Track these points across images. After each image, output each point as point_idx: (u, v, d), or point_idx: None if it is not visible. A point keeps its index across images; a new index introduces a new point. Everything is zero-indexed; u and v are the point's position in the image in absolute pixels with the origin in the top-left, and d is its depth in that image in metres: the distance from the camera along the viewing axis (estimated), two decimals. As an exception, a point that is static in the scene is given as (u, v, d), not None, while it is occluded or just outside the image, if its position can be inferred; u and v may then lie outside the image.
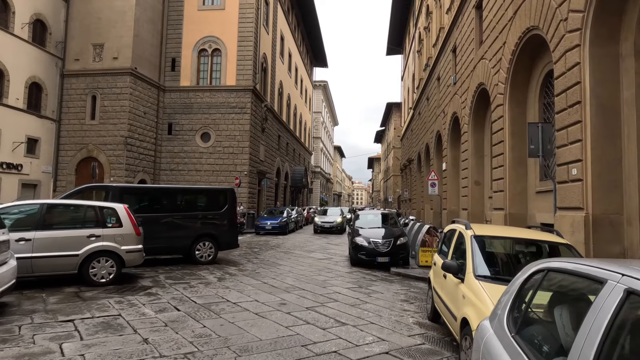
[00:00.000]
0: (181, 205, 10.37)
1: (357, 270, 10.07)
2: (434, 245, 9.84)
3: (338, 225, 23.27)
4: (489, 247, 4.41)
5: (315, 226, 24.05)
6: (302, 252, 13.51)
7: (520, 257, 4.36)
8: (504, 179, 12.59)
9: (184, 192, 10.97)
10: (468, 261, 4.03)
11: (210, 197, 11.12)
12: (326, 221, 23.47)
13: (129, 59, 23.52)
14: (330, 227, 23.21)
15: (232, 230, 10.91)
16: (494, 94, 13.50)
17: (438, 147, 24.99)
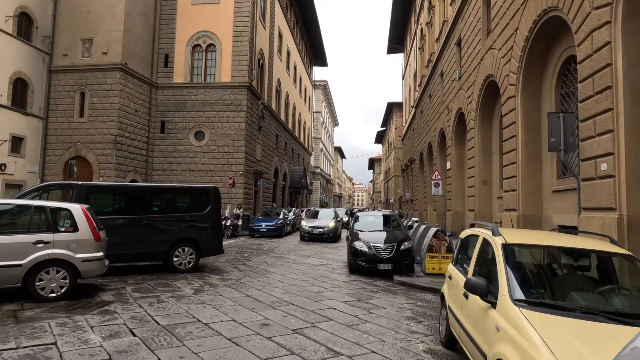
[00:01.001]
0: (158, 206, 9.21)
1: (356, 278, 9.05)
2: (442, 251, 8.82)
3: (330, 232, 18.57)
4: (526, 259, 3.39)
5: (301, 232, 19.14)
6: (296, 257, 12.42)
7: (568, 273, 3.33)
8: (517, 177, 11.57)
9: (161, 192, 9.73)
10: (501, 279, 3.01)
11: (191, 197, 9.98)
12: (315, 226, 18.73)
13: (119, 54, 22.55)
14: (320, 233, 18.33)
15: (216, 235, 9.74)
16: (505, 85, 12.48)
17: (442, 146, 23.97)
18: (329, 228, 18.70)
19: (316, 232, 18.43)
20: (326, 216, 20.73)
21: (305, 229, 18.80)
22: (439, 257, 8.82)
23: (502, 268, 3.06)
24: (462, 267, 4.22)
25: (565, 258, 3.31)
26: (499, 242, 3.35)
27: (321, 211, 22.19)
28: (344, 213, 28.52)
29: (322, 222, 19.30)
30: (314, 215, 21.57)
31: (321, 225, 18.71)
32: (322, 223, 18.95)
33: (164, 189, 10.16)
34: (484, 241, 3.74)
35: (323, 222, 19.23)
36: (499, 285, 2.99)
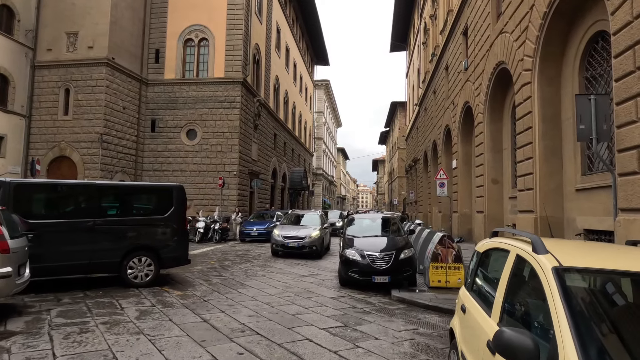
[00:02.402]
0: (108, 207, 7.72)
1: (346, 293, 7.63)
2: (449, 260, 7.45)
3: (313, 243, 13.53)
4: (601, 298, 2.01)
5: (273, 244, 14.08)
6: (282, 266, 11.07)
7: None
8: (533, 175, 10.18)
9: (112, 190, 8.22)
10: (562, 341, 1.62)
11: (149, 197, 8.56)
12: (292, 236, 13.65)
13: (105, 48, 21.37)
14: (298, 246, 13.37)
15: (180, 242, 8.18)
16: (518, 71, 11.10)
17: (447, 143, 22.57)
18: (311, 239, 13.49)
19: (292, 244, 13.30)
20: (310, 222, 15.21)
21: (278, 240, 13.61)
22: (446, 268, 7.46)
23: (561, 317, 1.67)
24: (481, 297, 2.86)
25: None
26: (549, 266, 1.97)
27: (307, 215, 16.38)
28: (337, 217, 25.03)
29: (302, 230, 14.17)
30: (294, 220, 15.91)
31: (301, 234, 13.66)
32: (303, 232, 13.91)
33: (116, 187, 8.65)
34: (519, 260, 2.38)
35: (304, 230, 14.11)
36: (557, 352, 1.62)
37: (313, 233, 13.80)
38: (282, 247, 13.48)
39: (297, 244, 13.27)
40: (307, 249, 13.24)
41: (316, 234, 13.82)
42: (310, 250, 13.34)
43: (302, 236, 13.48)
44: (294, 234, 13.63)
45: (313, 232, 13.90)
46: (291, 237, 13.54)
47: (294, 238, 13.47)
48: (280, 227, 14.76)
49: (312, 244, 13.35)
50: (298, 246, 13.25)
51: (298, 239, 13.41)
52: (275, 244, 13.67)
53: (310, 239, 13.43)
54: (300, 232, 13.78)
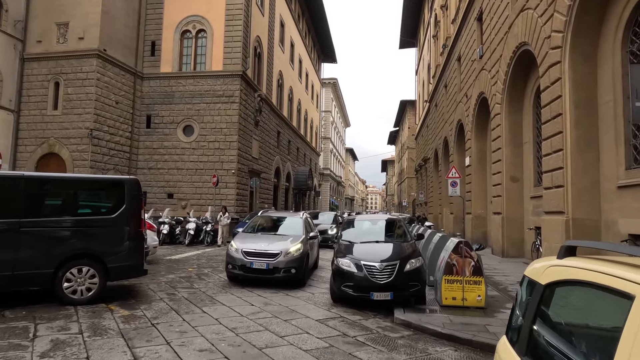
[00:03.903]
0: (38, 205, 6.22)
1: (337, 313, 6.15)
2: (467, 273, 6.01)
3: (290, 265, 8.61)
4: None
5: (229, 264, 8.94)
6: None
7: None
8: (564, 170, 8.69)
9: (44, 184, 6.54)
10: None
11: (95, 192, 7.00)
12: (258, 251, 8.70)
13: (96, 39, 20.24)
14: (268, 268, 8.51)
15: (134, 248, 6.60)
16: (544, 50, 9.61)
17: (459, 140, 21.04)
18: (289, 257, 8.56)
19: (260, 264, 8.45)
20: (288, 229, 10.05)
21: (237, 258, 8.64)
22: (462, 282, 6.02)
23: None
24: None
25: None
26: None
27: (288, 218, 10.85)
28: (331, 221, 18.98)
29: (275, 242, 9.00)
30: (267, 226, 10.45)
31: (272, 250, 8.63)
32: (276, 245, 8.82)
33: (50, 179, 6.90)
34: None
35: (278, 243, 8.97)
36: None
37: (292, 247, 8.60)
38: (242, 269, 8.38)
39: (267, 264, 8.27)
40: (281, 272, 8.25)
41: (296, 248, 8.63)
42: (287, 274, 8.33)
43: (275, 252, 8.39)
44: (261, 249, 8.49)
45: (292, 245, 8.68)
46: (257, 253, 8.43)
47: (262, 255, 8.39)
48: (242, 237, 9.28)
49: (290, 265, 8.34)
50: (267, 268, 8.25)
51: (268, 257, 8.36)
52: (232, 264, 8.52)
53: (287, 258, 8.36)
54: (272, 246, 8.58)
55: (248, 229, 10.13)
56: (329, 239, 16.06)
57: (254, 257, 8.46)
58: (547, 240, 9.24)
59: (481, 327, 5.15)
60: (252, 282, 8.57)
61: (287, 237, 9.24)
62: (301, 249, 8.72)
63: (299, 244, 8.84)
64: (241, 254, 8.51)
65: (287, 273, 8.38)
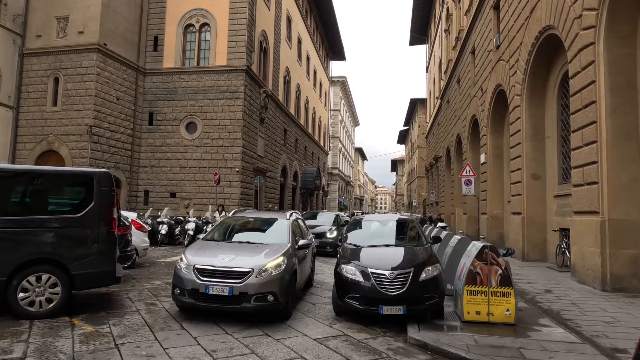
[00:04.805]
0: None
1: (340, 330, 5.17)
2: (493, 282, 5.08)
3: (266, 286, 5.58)
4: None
5: (176, 287, 5.75)
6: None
7: None
8: (598, 164, 7.73)
9: None
10: None
11: (58, 187, 6.00)
12: (218, 269, 5.63)
13: (96, 33, 19.62)
14: (231, 294, 5.47)
15: (104, 252, 5.69)
16: (574, 32, 8.65)
17: (474, 136, 20.03)
18: (265, 276, 5.68)
19: (219, 289, 5.53)
20: (268, 235, 7.11)
21: (186, 279, 5.71)
22: (487, 294, 5.11)
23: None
24: None
25: None
26: None
27: (268, 221, 7.80)
28: (330, 223, 15.32)
29: (243, 254, 6.07)
30: (239, 231, 7.33)
31: (238, 265, 5.73)
32: (245, 259, 5.91)
33: (3, 172, 5.73)
34: None
35: (248, 255, 6.04)
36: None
37: (269, 262, 5.84)
38: (193, 295, 5.61)
39: (229, 289, 5.50)
40: (251, 301, 5.51)
41: (275, 263, 5.86)
42: (260, 304, 5.55)
43: (242, 269, 5.64)
44: (223, 265, 5.70)
45: (268, 259, 5.90)
46: (216, 271, 5.65)
47: (223, 275, 5.61)
48: (199, 247, 6.41)
49: (265, 289, 5.59)
50: (231, 295, 5.50)
51: (231, 278, 5.57)
52: (180, 287, 5.71)
53: (262, 278, 5.62)
54: (240, 261, 5.80)
55: (211, 235, 7.00)
56: (328, 243, 13.36)
57: (210, 278, 5.48)
58: (578, 243, 8.28)
59: (514, 352, 4.24)
60: (209, 315, 5.75)
61: (264, 246, 6.23)
62: (283, 265, 5.79)
63: (281, 257, 5.89)
64: (193, 272, 5.56)
65: (260, 302, 5.44)
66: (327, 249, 13.19)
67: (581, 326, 5.15)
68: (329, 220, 15.92)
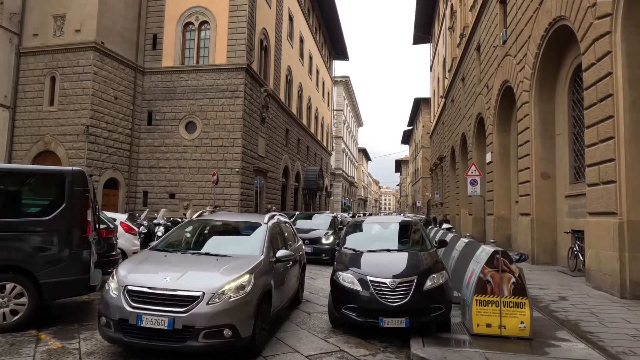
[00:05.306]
0: None
1: (336, 345, 4.65)
2: (505, 292, 4.58)
3: (222, 316, 3.99)
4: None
5: (101, 313, 4.15)
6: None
7: None
8: (616, 162, 7.22)
9: None
10: None
11: (24, 186, 5.47)
12: (159, 290, 4.05)
13: (93, 31, 19.27)
14: (172, 329, 3.88)
15: (76, 258, 5.16)
16: (587, 22, 8.13)
17: (479, 135, 19.50)
18: (222, 302, 4.04)
19: (153, 320, 3.90)
20: (236, 244, 5.48)
21: (112, 303, 4.10)
22: (499, 304, 4.62)
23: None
24: None
25: None
26: None
27: (239, 226, 6.05)
28: (327, 226, 13.63)
29: (194, 270, 4.46)
30: (199, 239, 5.66)
31: (184, 286, 4.10)
32: (194, 278, 4.28)
33: None
34: None
35: (199, 272, 4.44)
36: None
37: (228, 282, 4.23)
38: (120, 328, 4.02)
39: (169, 320, 3.91)
40: (199, 337, 3.94)
41: (237, 284, 4.26)
42: (213, 342, 4.02)
43: (189, 292, 4.07)
44: (164, 286, 4.14)
45: (227, 278, 4.29)
46: (153, 294, 4.08)
47: (162, 301, 4.04)
48: (138, 260, 4.86)
49: (220, 322, 4.01)
50: (171, 329, 3.91)
51: (173, 305, 4.01)
52: (106, 316, 4.12)
53: (216, 305, 4.04)
54: (187, 280, 4.24)
55: (163, 244, 5.37)
56: (323, 250, 11.81)
57: (145, 305, 3.99)
58: (593, 246, 7.76)
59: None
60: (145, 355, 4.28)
61: (227, 260, 4.65)
62: (248, 286, 4.27)
63: (246, 275, 4.35)
64: (123, 296, 4.09)
65: (213, 338, 3.97)
66: (323, 256, 11.74)
67: (604, 340, 4.65)
68: (324, 223, 13.99)
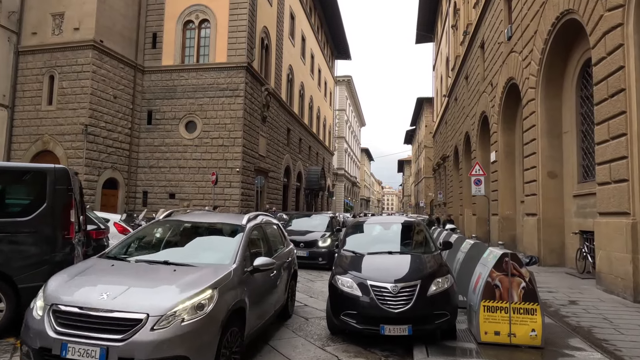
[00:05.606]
0: None
1: (334, 354, 4.37)
2: (515, 297, 4.28)
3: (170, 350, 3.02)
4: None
5: (23, 340, 3.30)
6: None
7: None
8: (628, 159, 6.92)
9: None
10: None
11: (1, 186, 5.11)
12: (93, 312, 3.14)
13: (91, 29, 19.06)
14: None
15: (59, 260, 4.80)
16: (597, 15, 7.82)
17: (483, 134, 19.17)
18: (173, 328, 3.09)
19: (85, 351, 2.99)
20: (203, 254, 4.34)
21: (34, 328, 3.25)
22: (509, 310, 4.32)
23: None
24: None
25: None
26: None
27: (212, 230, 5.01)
28: (324, 227, 12.51)
29: (137, 287, 3.43)
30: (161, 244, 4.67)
31: (122, 307, 3.15)
32: (134, 295, 3.28)
33: None
34: None
35: (141, 289, 3.42)
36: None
37: (182, 302, 3.27)
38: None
39: (101, 351, 2.99)
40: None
41: (191, 304, 3.30)
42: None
43: (128, 316, 3.13)
44: (98, 306, 3.19)
45: (180, 296, 3.32)
46: (85, 315, 3.17)
47: (95, 322, 3.13)
48: (76, 271, 3.84)
49: (169, 354, 3.05)
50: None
51: (108, 332, 3.07)
52: (27, 344, 3.24)
53: (160, 334, 3.05)
54: (126, 299, 3.24)
55: (117, 250, 4.44)
56: (319, 254, 10.81)
57: (73, 330, 3.14)
58: (604, 247, 7.44)
59: (545, 384, 3.48)
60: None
61: (188, 271, 3.78)
62: (209, 305, 3.38)
63: (208, 290, 3.46)
64: (47, 317, 3.26)
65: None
66: (319, 260, 10.78)
67: (621, 349, 4.35)
68: (322, 224, 12.81)
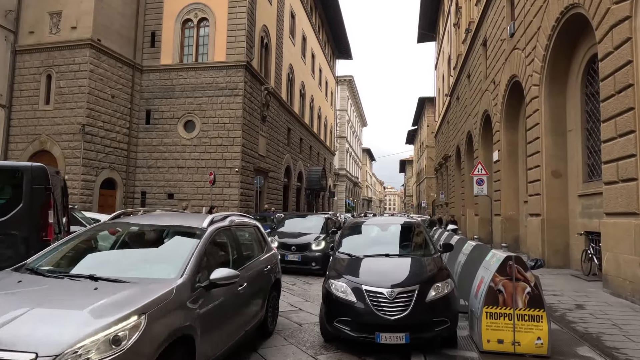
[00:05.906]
0: None
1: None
2: (519, 303, 4.03)
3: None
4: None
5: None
6: None
7: None
8: (636, 158, 6.63)
9: None
10: None
11: None
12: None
13: (89, 28, 18.86)
14: None
15: None
16: (603, 8, 7.55)
17: (485, 133, 18.89)
18: None
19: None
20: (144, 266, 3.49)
21: None
22: (512, 317, 4.06)
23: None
24: None
25: None
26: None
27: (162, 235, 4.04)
28: (319, 229, 11.54)
29: (37, 311, 2.54)
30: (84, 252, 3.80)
31: (5, 341, 2.29)
32: (26, 324, 2.40)
33: None
34: None
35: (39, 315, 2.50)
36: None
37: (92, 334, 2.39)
38: None
39: None
40: None
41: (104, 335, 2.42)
42: None
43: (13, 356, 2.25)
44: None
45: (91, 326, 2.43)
46: None
47: None
48: None
49: None
50: None
51: None
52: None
53: None
54: (15, 328, 2.39)
55: (40, 260, 3.58)
56: (312, 258, 10.00)
57: None
58: (611, 249, 7.17)
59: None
60: None
61: (111, 288, 2.94)
62: (129, 337, 2.51)
63: (132, 316, 2.61)
64: None
65: None
66: (312, 265, 9.99)
67: (632, 358, 4.09)
68: (316, 226, 11.83)
